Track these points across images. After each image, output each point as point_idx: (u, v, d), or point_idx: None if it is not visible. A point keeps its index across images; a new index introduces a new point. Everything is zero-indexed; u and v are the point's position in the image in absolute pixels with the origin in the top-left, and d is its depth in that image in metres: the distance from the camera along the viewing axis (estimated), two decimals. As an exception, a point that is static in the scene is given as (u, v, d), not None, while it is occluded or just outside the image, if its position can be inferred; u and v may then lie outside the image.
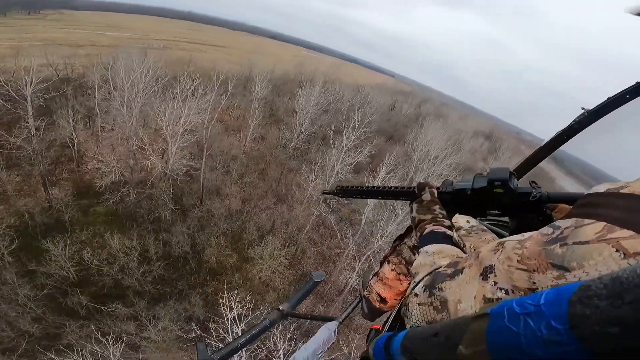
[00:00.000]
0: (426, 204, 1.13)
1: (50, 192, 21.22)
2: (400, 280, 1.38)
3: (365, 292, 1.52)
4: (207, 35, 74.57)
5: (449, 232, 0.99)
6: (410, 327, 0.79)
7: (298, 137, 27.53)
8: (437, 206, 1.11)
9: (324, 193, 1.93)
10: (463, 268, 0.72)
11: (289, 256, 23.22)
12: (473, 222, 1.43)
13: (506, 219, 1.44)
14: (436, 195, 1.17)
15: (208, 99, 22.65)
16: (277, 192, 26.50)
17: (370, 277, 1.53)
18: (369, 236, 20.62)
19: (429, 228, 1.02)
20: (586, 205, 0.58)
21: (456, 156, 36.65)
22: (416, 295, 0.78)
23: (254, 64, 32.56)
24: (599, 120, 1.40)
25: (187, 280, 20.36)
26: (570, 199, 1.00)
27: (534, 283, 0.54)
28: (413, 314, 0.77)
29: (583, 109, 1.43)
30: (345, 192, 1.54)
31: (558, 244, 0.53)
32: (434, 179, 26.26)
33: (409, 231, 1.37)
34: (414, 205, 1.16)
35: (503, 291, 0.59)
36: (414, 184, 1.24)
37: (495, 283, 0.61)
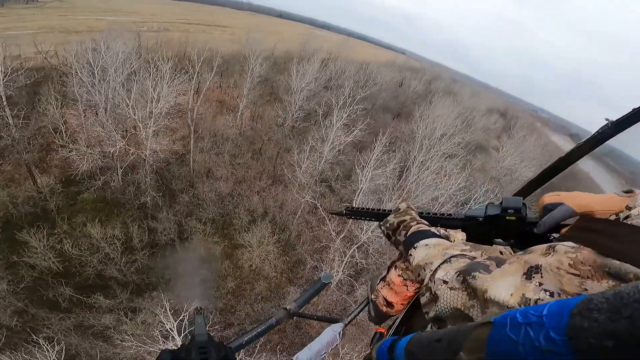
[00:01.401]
0: (403, 211, 1.17)
1: (37, 181, 20.39)
2: (407, 286, 1.37)
3: (373, 296, 1.52)
4: (210, 16, 72.04)
5: (434, 230, 1.01)
6: (418, 332, 0.75)
7: (293, 115, 25.70)
8: (413, 212, 1.15)
9: (331, 213, 2.04)
10: (503, 262, 0.69)
11: (282, 242, 22.01)
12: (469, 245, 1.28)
13: None
14: (413, 207, 1.19)
15: (184, 80, 20.95)
16: (273, 173, 25.02)
17: (378, 281, 1.51)
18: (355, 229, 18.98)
19: (414, 226, 1.04)
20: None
21: (466, 134, 34.32)
22: (445, 282, 0.75)
23: (252, 41, 30.45)
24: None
25: (174, 269, 19.41)
26: None
27: (585, 289, 0.52)
28: (443, 298, 0.73)
29: (607, 119, 1.32)
30: (351, 213, 1.55)
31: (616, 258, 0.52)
32: (440, 158, 24.30)
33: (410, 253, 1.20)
34: (391, 216, 1.18)
35: (548, 293, 0.56)
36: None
37: (540, 284, 0.57)
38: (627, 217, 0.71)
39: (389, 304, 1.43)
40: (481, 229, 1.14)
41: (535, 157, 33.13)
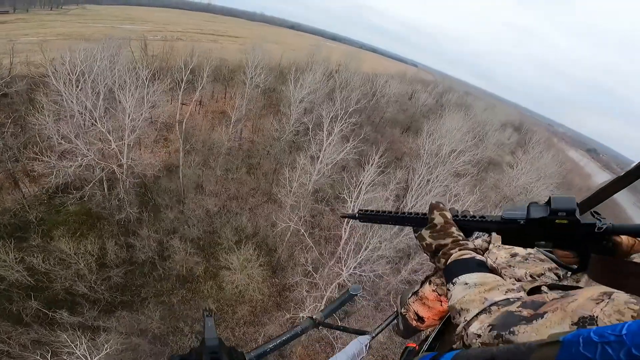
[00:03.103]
0: (440, 228, 1.03)
1: (22, 191, 19.41)
2: (441, 302, 1.31)
3: (403, 310, 1.48)
4: (224, 27, 72.18)
5: (479, 257, 0.90)
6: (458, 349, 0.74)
7: (291, 128, 24.07)
8: (454, 228, 1.02)
9: (342, 216, 1.66)
10: (545, 312, 0.62)
11: (271, 264, 20.31)
12: (531, 250, 1.31)
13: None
14: (449, 217, 1.05)
15: (166, 89, 19.60)
16: (269, 190, 23.39)
17: (410, 295, 1.47)
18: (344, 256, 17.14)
19: (455, 254, 0.94)
20: None
21: (477, 150, 32.02)
22: (478, 336, 0.69)
23: (257, 51, 29.27)
24: None
25: (153, 287, 17.88)
26: (637, 230, 0.87)
27: None
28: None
29: None
30: (364, 217, 1.33)
31: None
32: (447, 178, 22.25)
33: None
34: (426, 232, 1.05)
35: None
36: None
37: None
38: None
39: (420, 319, 1.40)
40: (521, 233, 0.99)
41: (552, 175, 30.44)
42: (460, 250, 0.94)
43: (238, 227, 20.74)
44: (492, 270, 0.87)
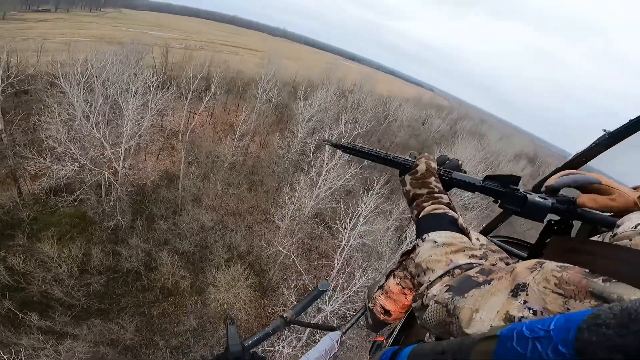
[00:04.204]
0: (420, 176, 1.01)
1: (21, 189, 19.04)
2: (405, 294, 1.33)
3: (370, 304, 1.48)
4: (246, 39, 73.22)
5: (451, 213, 0.90)
6: (417, 342, 0.78)
7: (296, 147, 23.20)
8: (433, 178, 1.00)
9: (324, 141, 1.47)
10: (492, 280, 0.66)
11: (261, 286, 19.21)
12: (483, 239, 1.31)
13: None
14: (433, 166, 1.03)
15: (170, 99, 19.03)
16: (267, 209, 22.44)
17: (375, 289, 1.48)
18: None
19: (428, 207, 0.93)
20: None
21: (489, 182, 30.56)
22: (434, 296, 0.72)
23: (271, 65, 28.90)
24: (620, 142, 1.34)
25: (134, 297, 16.97)
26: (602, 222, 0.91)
27: (568, 309, 0.52)
28: (428, 310, 0.72)
29: (604, 130, 1.36)
30: (344, 148, 1.28)
31: (602, 278, 0.51)
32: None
33: (414, 249, 1.04)
34: (407, 177, 1.03)
35: (531, 311, 0.55)
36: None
37: (525, 302, 0.57)
38: (614, 235, 0.66)
39: (387, 312, 1.40)
40: (498, 198, 1.00)
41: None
42: (433, 203, 0.93)
43: (231, 244, 19.77)
44: (462, 230, 0.87)
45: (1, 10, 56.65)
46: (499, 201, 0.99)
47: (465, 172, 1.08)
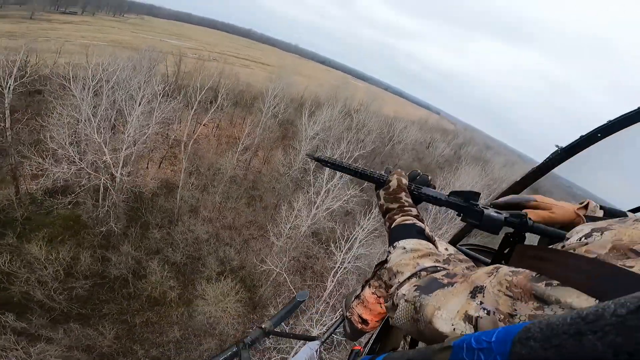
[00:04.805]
0: (392, 191, 1.08)
1: (19, 188, 18.94)
2: (381, 303, 1.38)
3: (348, 314, 1.51)
4: (259, 53, 74.42)
5: (419, 224, 0.97)
6: (391, 349, 0.91)
7: (298, 165, 22.97)
8: (403, 194, 1.08)
9: (307, 155, 1.65)
10: (455, 282, 0.71)
11: (254, 300, 18.69)
12: (451, 249, 1.39)
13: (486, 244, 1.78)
14: (404, 181, 1.10)
15: (176, 107, 18.94)
16: (264, 225, 22.07)
17: (352, 299, 1.51)
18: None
19: (398, 219, 1.00)
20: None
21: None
22: (404, 295, 0.77)
23: (280, 81, 29.05)
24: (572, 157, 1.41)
25: (118, 304, 16.51)
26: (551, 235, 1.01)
27: (515, 310, 0.56)
28: (399, 309, 0.77)
29: (557, 146, 1.44)
30: (325, 162, 1.35)
31: (544, 282, 0.55)
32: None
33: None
34: (381, 192, 1.12)
35: (485, 311, 0.60)
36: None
37: (481, 303, 0.62)
38: (563, 247, 0.70)
39: (364, 321, 1.43)
40: (461, 213, 1.09)
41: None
42: (403, 215, 1.00)
43: (225, 257, 19.35)
44: (428, 238, 0.94)
45: (30, 10, 58.53)
46: (462, 214, 1.06)
47: (434, 186, 1.16)
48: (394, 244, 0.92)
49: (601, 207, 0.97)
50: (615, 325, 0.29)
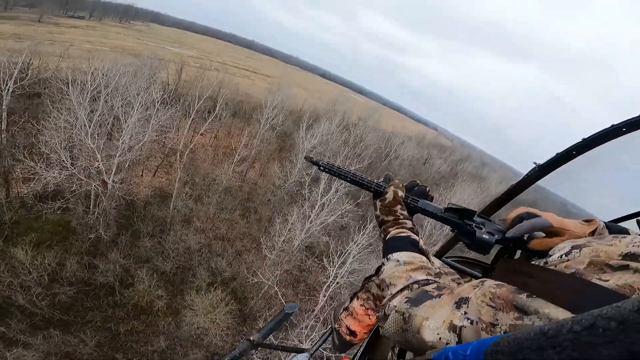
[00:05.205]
0: (388, 203, 1.09)
1: (9, 190, 18.65)
2: (369, 315, 1.39)
3: (336, 325, 1.51)
4: (260, 64, 75.15)
5: (413, 236, 0.99)
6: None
7: (294, 178, 22.87)
8: (399, 207, 1.09)
9: (305, 158, 1.49)
10: (442, 294, 0.74)
11: (244, 312, 18.31)
12: (437, 263, 1.38)
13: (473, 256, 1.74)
14: (400, 194, 1.11)
15: (172, 115, 18.82)
16: (258, 237, 21.81)
17: (341, 311, 1.51)
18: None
19: (393, 231, 1.01)
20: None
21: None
22: (395, 306, 0.79)
23: (279, 92, 29.22)
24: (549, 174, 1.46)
25: (103, 312, 16.09)
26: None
27: (497, 320, 0.58)
28: (389, 320, 0.78)
29: (535, 163, 1.48)
30: (323, 167, 1.31)
31: (525, 294, 0.58)
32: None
33: (377, 271, 1.16)
34: (378, 203, 1.13)
35: (469, 321, 0.62)
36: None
37: (465, 313, 0.64)
38: (546, 263, 0.73)
39: (352, 333, 1.43)
40: (455, 228, 1.10)
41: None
42: (398, 228, 1.02)
43: (216, 268, 19.03)
44: (422, 251, 0.95)
45: (39, 13, 59.03)
46: (455, 231, 1.08)
47: (432, 198, 1.16)
48: (388, 256, 0.94)
49: (606, 226, 0.97)
50: (571, 341, 0.31)
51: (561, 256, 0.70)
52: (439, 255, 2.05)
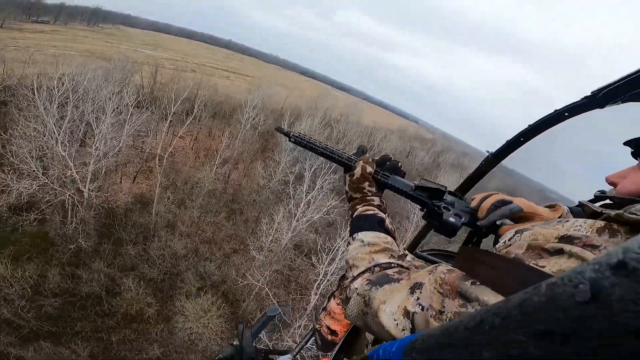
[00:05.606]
0: (356, 179, 1.06)
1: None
2: None
3: (317, 326, 1.51)
4: (239, 64, 74.08)
5: (380, 214, 0.97)
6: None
7: (278, 177, 22.71)
8: (367, 183, 1.05)
9: (276, 129, 1.45)
10: (401, 279, 0.72)
11: (237, 315, 18.13)
12: (408, 257, 1.24)
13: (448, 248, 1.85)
14: (368, 170, 1.07)
15: (147, 119, 18.33)
16: (245, 238, 21.56)
17: (320, 311, 1.52)
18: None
19: (360, 209, 0.99)
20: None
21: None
22: (356, 289, 0.78)
23: (259, 91, 28.89)
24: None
25: (92, 322, 15.67)
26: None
27: (444, 307, 0.58)
28: (351, 302, 0.78)
29: (487, 152, 1.52)
30: (298, 140, 1.25)
31: (471, 281, 0.57)
32: (438, 243, 20.70)
33: None
34: (347, 178, 1.10)
35: (420, 307, 0.62)
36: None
37: (418, 299, 0.63)
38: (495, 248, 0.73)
39: (333, 332, 1.44)
40: (423, 207, 1.07)
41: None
42: (365, 205, 0.99)
43: (204, 273, 18.73)
44: (388, 231, 0.93)
45: (1, 18, 56.02)
46: (424, 211, 1.05)
47: (404, 173, 1.12)
48: (354, 236, 0.92)
49: (571, 210, 0.97)
50: (463, 340, 0.30)
51: (505, 241, 0.69)
52: (412, 248, 2.01)
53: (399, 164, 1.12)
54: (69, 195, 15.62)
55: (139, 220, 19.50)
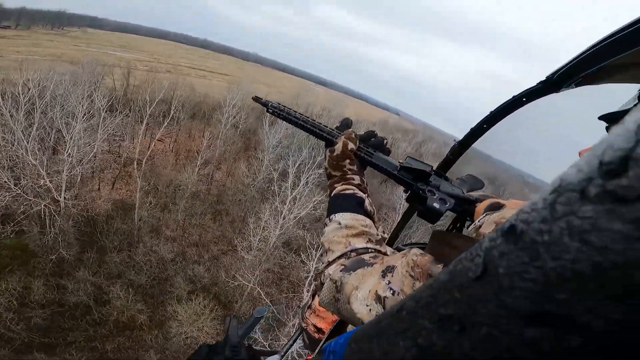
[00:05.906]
0: (337, 156, 1.00)
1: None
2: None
3: (304, 324, 1.48)
4: (216, 64, 72.59)
5: (359, 194, 0.93)
6: None
7: (262, 175, 22.52)
8: (347, 161, 0.99)
9: (253, 98, 1.36)
10: (375, 263, 0.71)
11: (230, 316, 17.98)
12: (388, 251, 1.21)
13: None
14: (350, 147, 0.99)
15: (122, 123, 17.77)
16: (233, 239, 21.33)
17: (305, 309, 1.49)
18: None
19: (338, 187, 0.95)
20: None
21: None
22: (330, 274, 0.77)
23: (238, 90, 28.43)
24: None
25: (84, 332, 15.38)
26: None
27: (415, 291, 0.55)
28: (324, 288, 0.76)
29: (454, 140, 1.52)
30: (276, 111, 1.18)
31: (442, 264, 0.57)
32: (424, 234, 21.08)
33: None
34: (327, 154, 1.03)
35: (391, 291, 0.60)
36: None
37: (389, 282, 0.62)
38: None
39: (320, 330, 1.41)
40: (408, 188, 1.02)
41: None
42: (344, 184, 0.95)
43: (194, 276, 18.46)
44: (366, 212, 0.89)
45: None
46: (408, 193, 1.00)
47: (389, 151, 1.06)
48: (330, 216, 0.89)
49: None
50: (387, 328, 0.27)
51: (475, 223, 0.68)
52: (391, 241, 1.89)
53: (385, 140, 1.06)
54: (45, 205, 14.99)
55: (122, 226, 18.99)
